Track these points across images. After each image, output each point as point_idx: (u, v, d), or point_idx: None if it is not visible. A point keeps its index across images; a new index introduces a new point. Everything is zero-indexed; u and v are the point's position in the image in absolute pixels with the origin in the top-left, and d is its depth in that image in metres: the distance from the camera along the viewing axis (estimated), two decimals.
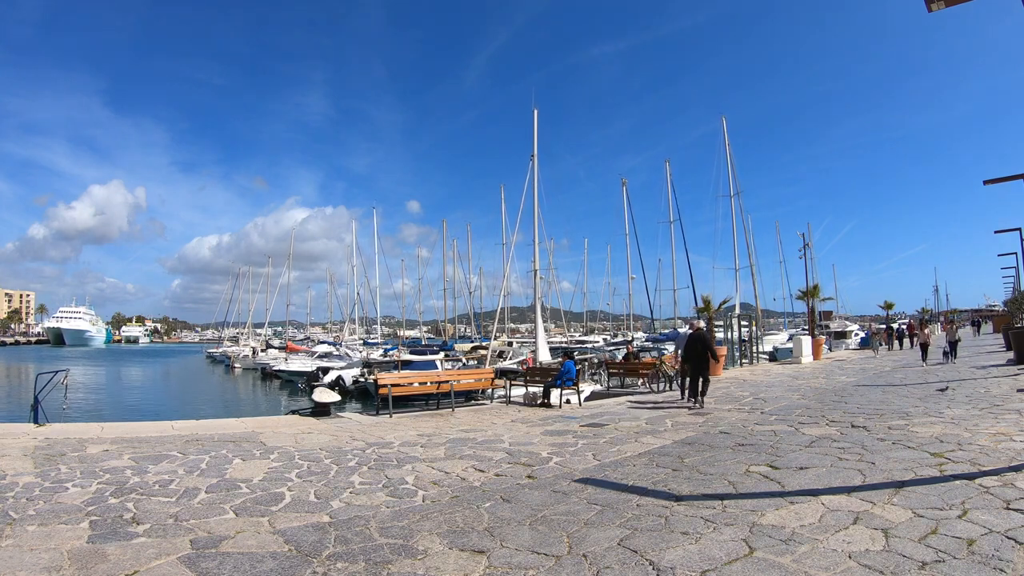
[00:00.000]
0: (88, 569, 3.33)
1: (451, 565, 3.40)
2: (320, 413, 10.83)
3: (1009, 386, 11.23)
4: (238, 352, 48.39)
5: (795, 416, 8.68)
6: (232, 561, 3.47)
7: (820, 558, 3.29)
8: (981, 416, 7.86)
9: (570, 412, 10.96)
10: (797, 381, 14.59)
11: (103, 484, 5.24)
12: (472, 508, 4.58)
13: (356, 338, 48.71)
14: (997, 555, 3.20)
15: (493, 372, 15.47)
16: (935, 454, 5.71)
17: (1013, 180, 12.03)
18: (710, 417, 9.03)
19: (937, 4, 5.24)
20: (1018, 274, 33.75)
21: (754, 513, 4.15)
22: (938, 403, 9.42)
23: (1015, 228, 19.68)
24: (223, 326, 73.31)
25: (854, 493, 4.54)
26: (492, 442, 7.59)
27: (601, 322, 70.26)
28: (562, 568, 3.31)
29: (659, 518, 4.14)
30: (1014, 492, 4.32)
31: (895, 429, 7.18)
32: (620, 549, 3.56)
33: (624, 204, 35.73)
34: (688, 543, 3.62)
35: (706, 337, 11.16)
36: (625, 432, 8.00)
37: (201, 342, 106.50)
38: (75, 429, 8.44)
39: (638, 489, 4.98)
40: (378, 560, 3.49)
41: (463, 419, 10.43)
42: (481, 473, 5.84)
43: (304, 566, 3.41)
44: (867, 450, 6.04)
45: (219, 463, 6.20)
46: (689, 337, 10.92)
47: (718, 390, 13.15)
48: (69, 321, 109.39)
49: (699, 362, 10.53)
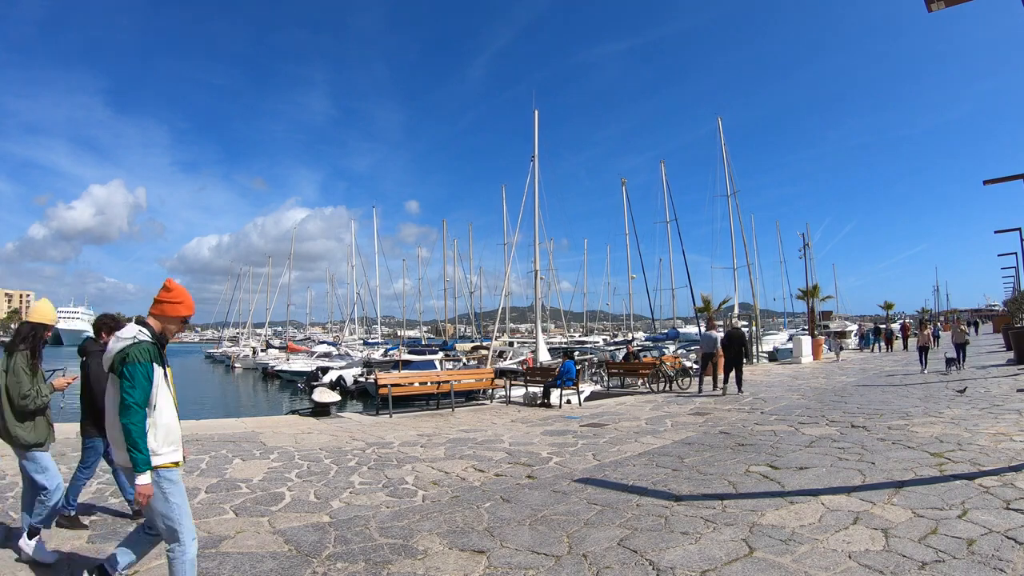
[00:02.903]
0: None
1: (451, 565, 3.40)
2: (320, 413, 10.83)
3: (1009, 386, 11.22)
4: (238, 352, 48.36)
5: (795, 416, 8.68)
6: (232, 561, 3.47)
7: (820, 558, 3.30)
8: (981, 416, 7.86)
9: (570, 412, 10.96)
10: (797, 381, 14.59)
11: (103, 484, 5.25)
12: (472, 508, 4.58)
13: (356, 338, 48.66)
14: (997, 555, 3.20)
15: (493, 372, 15.45)
16: (935, 454, 5.71)
17: (1013, 180, 12.02)
18: (710, 417, 9.03)
19: (937, 4, 5.24)
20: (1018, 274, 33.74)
21: (754, 513, 4.15)
22: (938, 403, 9.42)
23: (1015, 228, 19.68)
24: (223, 326, 73.25)
25: (854, 493, 4.54)
26: (492, 442, 7.59)
27: (601, 322, 70.17)
28: (562, 568, 3.31)
29: (659, 518, 4.14)
30: (1014, 492, 4.32)
31: (895, 429, 7.18)
32: (620, 549, 3.56)
33: (624, 204, 35.65)
34: (688, 543, 3.62)
35: (743, 335, 13.46)
36: (625, 432, 8.00)
37: (201, 342, 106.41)
38: (75, 429, 8.42)
39: (638, 489, 4.98)
40: (378, 560, 3.50)
41: (463, 419, 10.42)
42: (481, 473, 5.84)
43: (304, 566, 3.41)
44: (867, 450, 6.04)
45: (219, 463, 6.20)
46: (727, 335, 12.86)
47: (716, 391, 13.16)
48: (67, 321, 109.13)
49: (737, 356, 12.37)
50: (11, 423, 3.41)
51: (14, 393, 3.41)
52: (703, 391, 12.87)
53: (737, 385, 12.29)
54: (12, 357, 3.47)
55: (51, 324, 3.75)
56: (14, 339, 3.54)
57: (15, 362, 3.46)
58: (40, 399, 3.49)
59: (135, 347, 2.60)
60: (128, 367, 2.55)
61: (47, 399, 3.55)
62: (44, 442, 3.55)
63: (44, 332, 3.67)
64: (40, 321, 3.65)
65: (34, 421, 3.49)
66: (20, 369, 3.45)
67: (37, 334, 3.61)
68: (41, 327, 3.64)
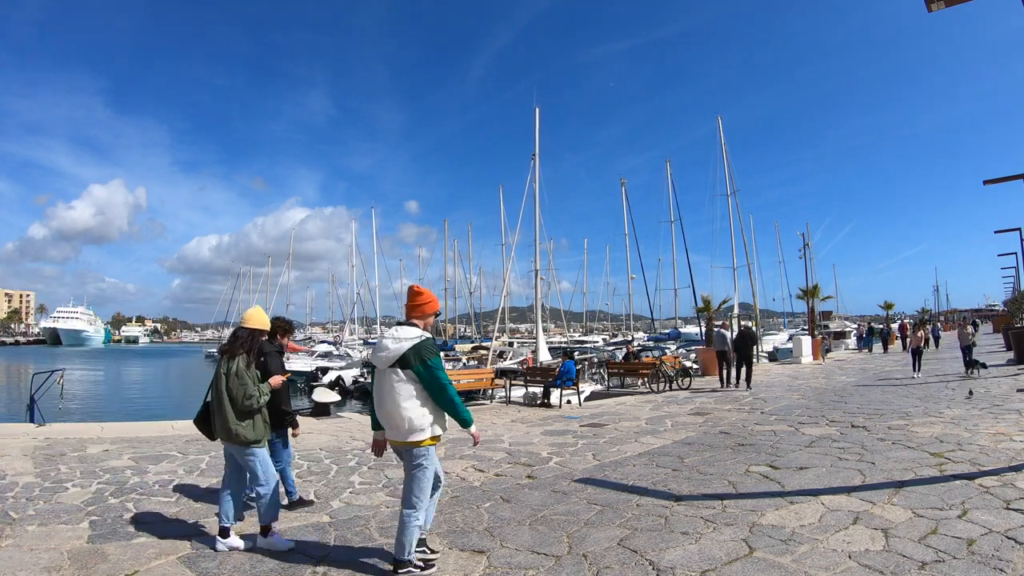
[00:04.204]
0: (88, 569, 3.33)
1: (451, 565, 3.40)
2: (320, 413, 10.82)
3: (1009, 386, 11.23)
4: None
5: (795, 416, 8.68)
6: (232, 561, 3.47)
7: (820, 558, 3.30)
8: (981, 416, 7.86)
9: (570, 412, 10.96)
10: (797, 381, 14.59)
11: (103, 484, 5.24)
12: (472, 508, 4.58)
13: (356, 338, 48.64)
14: (997, 555, 3.20)
15: (493, 372, 15.45)
16: (935, 454, 5.71)
17: (1013, 180, 12.02)
18: (710, 417, 9.03)
19: (937, 4, 5.24)
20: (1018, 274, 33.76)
21: (754, 513, 4.15)
22: (938, 403, 9.43)
23: (1015, 228, 19.69)
24: (223, 326, 73.12)
25: (854, 493, 4.54)
26: (492, 442, 7.59)
27: (601, 322, 70.14)
28: (562, 568, 3.31)
29: (659, 518, 4.14)
30: (1014, 492, 4.32)
31: (895, 429, 7.18)
32: (620, 549, 3.56)
33: (624, 204, 35.66)
34: (688, 543, 3.62)
35: (754, 335, 15.11)
36: (625, 432, 8.00)
37: (201, 342, 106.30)
38: (75, 429, 8.43)
39: (638, 489, 4.98)
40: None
41: None
42: (481, 473, 5.84)
43: (304, 566, 3.41)
44: (867, 450, 6.04)
45: (219, 463, 6.18)
46: (739, 334, 14.05)
47: (718, 390, 13.17)
48: (66, 321, 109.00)
49: (747, 354, 13.49)
50: (232, 422, 3.61)
51: (238, 394, 3.61)
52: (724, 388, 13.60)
53: (747, 381, 13.18)
54: (234, 361, 3.69)
55: (266, 330, 4.07)
56: (233, 344, 3.78)
57: (239, 366, 3.67)
58: (262, 399, 3.72)
59: (426, 342, 3.18)
60: (431, 359, 3.14)
61: (267, 399, 3.79)
62: (262, 439, 3.74)
63: (260, 337, 3.96)
64: (257, 327, 3.91)
65: (252, 420, 3.69)
66: (244, 372, 3.68)
67: (255, 339, 3.87)
68: (258, 332, 3.92)
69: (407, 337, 3.17)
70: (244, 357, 3.73)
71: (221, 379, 3.67)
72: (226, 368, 3.68)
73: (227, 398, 3.62)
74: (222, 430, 3.65)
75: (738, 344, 13.74)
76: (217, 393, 3.68)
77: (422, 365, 3.11)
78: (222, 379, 3.66)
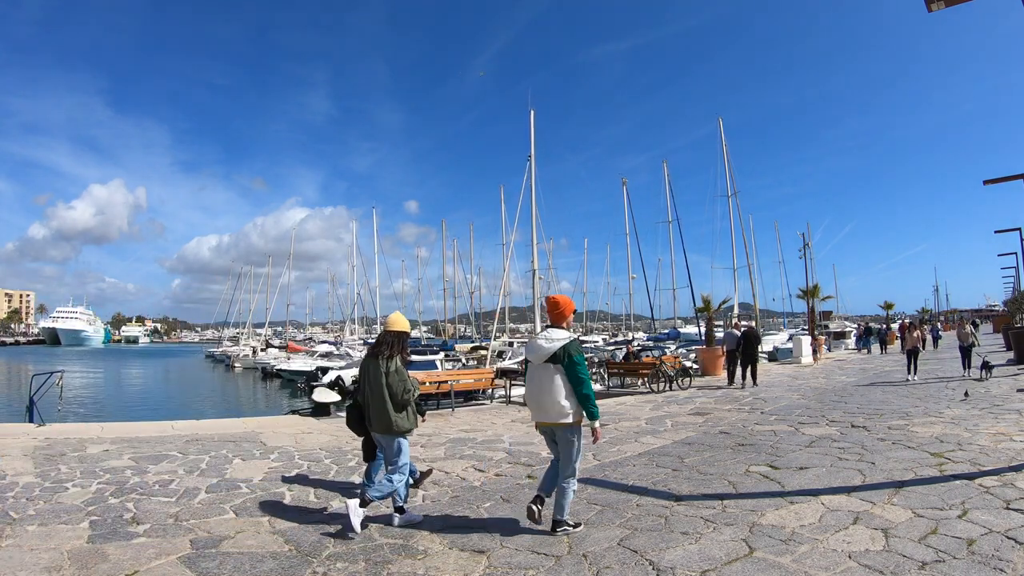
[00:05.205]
0: (88, 569, 3.33)
1: (451, 565, 3.40)
2: (320, 413, 10.82)
3: (1009, 386, 11.23)
4: (238, 352, 48.31)
5: (795, 416, 8.68)
6: (232, 561, 3.47)
7: (820, 558, 3.30)
8: (981, 416, 7.87)
9: None
10: (797, 381, 14.59)
11: (103, 484, 5.24)
12: (472, 508, 4.59)
13: (356, 338, 48.64)
14: (997, 555, 3.20)
15: (493, 372, 15.45)
16: (935, 454, 5.71)
17: (1013, 180, 12.03)
18: (710, 417, 9.03)
19: (937, 4, 5.25)
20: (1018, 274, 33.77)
21: (754, 513, 4.16)
22: (938, 403, 9.43)
23: (1015, 228, 19.71)
24: (223, 326, 73.09)
25: (854, 493, 4.55)
26: (492, 442, 7.59)
27: (601, 322, 70.17)
28: (562, 568, 3.31)
29: (659, 518, 4.14)
30: (1014, 492, 4.32)
31: (895, 429, 7.18)
32: (620, 549, 3.56)
33: (624, 204, 35.75)
34: (688, 543, 3.62)
35: (757, 335, 15.51)
36: (625, 432, 8.00)
37: (201, 342, 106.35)
38: (75, 429, 8.43)
39: (638, 489, 4.98)
40: (378, 560, 3.49)
41: (463, 419, 10.42)
42: (481, 473, 5.84)
43: (304, 566, 3.41)
44: (867, 450, 6.04)
45: (219, 463, 6.20)
46: (743, 335, 14.34)
47: (718, 390, 13.17)
48: (66, 321, 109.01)
49: (752, 353, 13.99)
50: (393, 415, 4.07)
51: (398, 390, 4.07)
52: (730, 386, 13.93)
53: (752, 379, 13.74)
54: (391, 361, 4.14)
55: (408, 332, 4.46)
56: (380, 347, 4.23)
57: (396, 365, 4.13)
58: (416, 392, 4.21)
59: (574, 343, 3.78)
60: (577, 356, 3.73)
61: (418, 393, 4.26)
62: (411, 429, 4.21)
63: (406, 339, 4.38)
64: (400, 330, 4.35)
65: (406, 412, 4.15)
66: (403, 370, 4.15)
67: (403, 341, 4.33)
68: (404, 335, 4.36)
69: (558, 338, 3.78)
70: (401, 357, 4.19)
71: (382, 377, 4.09)
72: (384, 368, 4.10)
73: (387, 394, 4.05)
74: (381, 424, 4.08)
75: (744, 345, 14.19)
76: (378, 390, 4.09)
77: (568, 360, 3.70)
78: (382, 377, 4.08)
